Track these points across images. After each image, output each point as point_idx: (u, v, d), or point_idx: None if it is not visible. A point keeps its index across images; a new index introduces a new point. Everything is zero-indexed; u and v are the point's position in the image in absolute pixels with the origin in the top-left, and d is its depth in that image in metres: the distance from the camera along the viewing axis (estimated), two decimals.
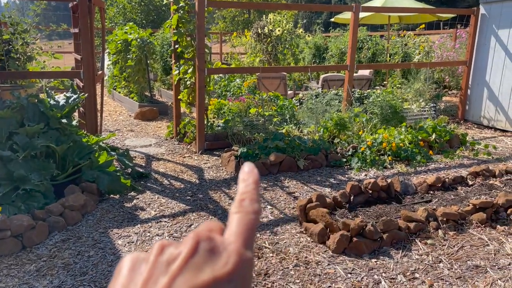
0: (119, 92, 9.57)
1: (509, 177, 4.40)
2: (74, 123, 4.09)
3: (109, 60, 9.32)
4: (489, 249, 3.06)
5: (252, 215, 0.42)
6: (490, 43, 7.08)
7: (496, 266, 2.84)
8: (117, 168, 4.30)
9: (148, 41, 8.33)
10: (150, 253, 0.40)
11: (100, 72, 5.76)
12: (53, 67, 6.26)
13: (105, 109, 8.88)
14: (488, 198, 3.70)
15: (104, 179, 3.92)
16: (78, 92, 4.35)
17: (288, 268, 2.81)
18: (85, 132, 4.60)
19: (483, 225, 3.36)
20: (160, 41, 10.66)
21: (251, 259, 0.39)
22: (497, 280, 2.68)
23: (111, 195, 4.01)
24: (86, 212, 3.61)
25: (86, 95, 4.62)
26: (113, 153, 4.37)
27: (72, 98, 4.18)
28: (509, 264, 2.86)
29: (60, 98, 4.21)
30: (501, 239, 3.19)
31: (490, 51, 7.09)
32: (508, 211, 3.50)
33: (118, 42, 8.66)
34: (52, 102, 4.09)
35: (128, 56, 8.51)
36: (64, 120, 3.98)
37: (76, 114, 6.21)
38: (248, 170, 0.46)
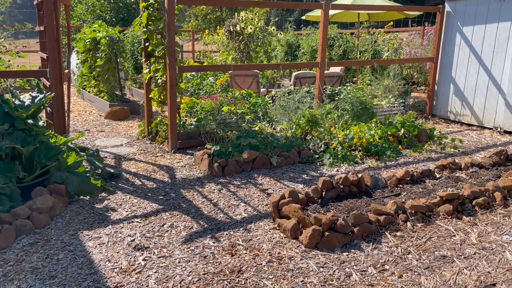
0: (89, 92, 9.36)
1: (474, 170, 4.55)
2: (40, 123, 3.98)
3: (78, 59, 9.10)
4: (456, 239, 3.16)
5: None
6: (455, 40, 7.30)
7: (462, 256, 2.94)
8: (87, 169, 4.21)
9: (117, 39, 8.18)
10: None
11: (66, 71, 5.62)
12: (18, 66, 6.07)
13: (74, 109, 8.68)
14: (454, 190, 3.82)
15: (73, 180, 3.84)
16: (45, 92, 4.23)
17: (261, 264, 2.82)
18: (52, 132, 4.48)
19: (450, 217, 3.47)
20: (130, 39, 10.48)
21: None
22: (463, 269, 2.77)
23: (81, 197, 3.93)
24: (55, 214, 3.52)
25: (53, 94, 4.51)
26: (82, 153, 4.27)
27: (38, 98, 4.07)
28: (474, 254, 2.96)
29: (26, 98, 4.09)
30: (466, 230, 3.30)
31: (456, 48, 7.30)
32: (473, 203, 3.63)
33: (87, 40, 8.46)
34: (17, 102, 3.96)
35: (97, 54, 8.34)
36: (30, 121, 3.87)
37: (43, 114, 6.06)
38: None
